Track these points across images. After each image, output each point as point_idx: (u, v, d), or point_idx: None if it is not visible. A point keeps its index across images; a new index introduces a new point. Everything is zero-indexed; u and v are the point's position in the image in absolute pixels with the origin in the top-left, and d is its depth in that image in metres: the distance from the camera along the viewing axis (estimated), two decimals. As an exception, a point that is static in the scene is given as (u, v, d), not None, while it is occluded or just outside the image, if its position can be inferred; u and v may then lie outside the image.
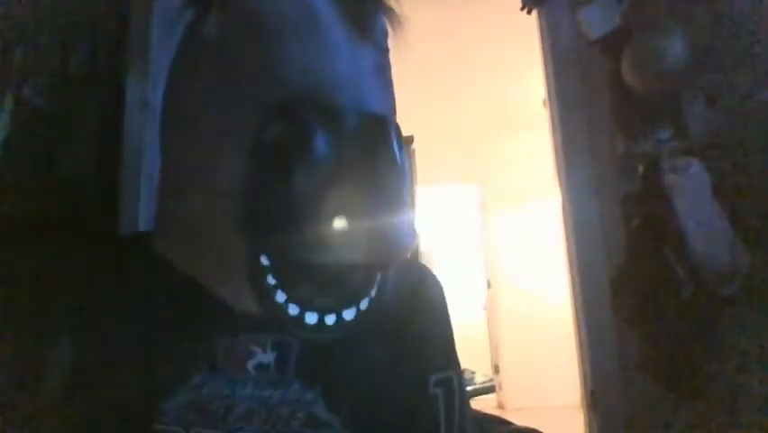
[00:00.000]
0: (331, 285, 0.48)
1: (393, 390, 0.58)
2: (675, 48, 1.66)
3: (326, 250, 0.45)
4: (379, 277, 0.51)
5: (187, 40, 0.57)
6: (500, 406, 5.51)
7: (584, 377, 1.76)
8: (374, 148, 0.47)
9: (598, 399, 1.69)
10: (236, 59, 0.51)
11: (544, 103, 2.10)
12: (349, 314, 0.48)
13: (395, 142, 0.48)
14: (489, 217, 5.93)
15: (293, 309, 0.47)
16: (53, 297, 0.52)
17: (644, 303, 1.63)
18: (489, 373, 5.90)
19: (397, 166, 0.48)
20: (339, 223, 0.44)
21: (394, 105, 0.60)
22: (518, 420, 0.76)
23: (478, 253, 6.17)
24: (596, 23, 1.81)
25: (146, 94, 1.44)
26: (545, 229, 4.95)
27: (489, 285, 5.89)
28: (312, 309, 0.47)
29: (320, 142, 0.44)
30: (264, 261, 0.47)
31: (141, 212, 1.42)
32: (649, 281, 1.63)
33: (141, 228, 1.33)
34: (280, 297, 0.47)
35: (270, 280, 0.47)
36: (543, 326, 5.19)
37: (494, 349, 5.81)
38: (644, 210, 1.68)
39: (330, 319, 0.48)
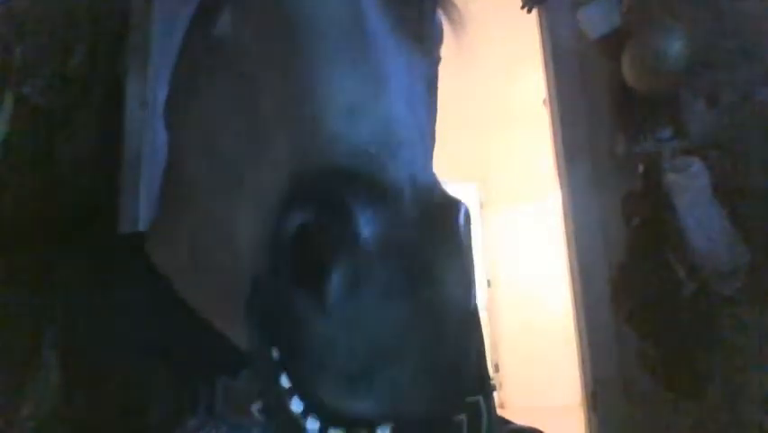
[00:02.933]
0: (366, 402, 0.33)
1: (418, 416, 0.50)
2: (675, 48, 1.66)
3: (364, 393, 0.32)
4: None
5: (194, 37, 0.47)
6: (500, 405, 5.49)
7: (584, 377, 1.76)
8: (438, 248, 0.33)
9: (598, 399, 1.69)
10: (256, 72, 0.40)
11: (544, 102, 2.10)
12: (384, 431, 0.35)
13: (464, 239, 0.34)
14: (488, 217, 5.92)
15: (312, 424, 0.34)
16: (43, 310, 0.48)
17: (644, 303, 1.63)
18: (489, 372, 5.90)
19: (467, 273, 0.34)
20: (385, 354, 0.32)
21: (435, 125, 0.50)
22: (518, 420, 0.76)
23: (477, 252, 6.15)
24: (596, 22, 1.81)
25: (146, 94, 1.44)
26: (545, 229, 4.94)
27: (488, 284, 5.89)
28: (336, 426, 0.34)
29: (367, 238, 0.31)
30: (275, 354, 0.34)
31: (141, 212, 1.41)
32: (649, 281, 1.63)
33: (141, 228, 1.32)
34: (296, 405, 0.34)
35: (284, 382, 0.34)
36: (543, 325, 5.19)
37: (494, 348, 5.80)
38: (645, 210, 1.68)
39: None
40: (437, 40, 0.50)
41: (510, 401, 5.44)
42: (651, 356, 1.62)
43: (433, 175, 0.40)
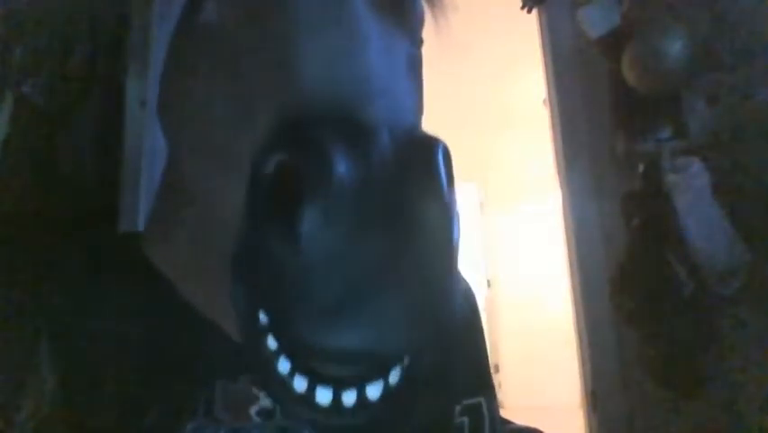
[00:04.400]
0: (351, 353, 0.35)
1: (416, 424, 0.48)
2: (675, 48, 1.66)
3: (343, 326, 0.33)
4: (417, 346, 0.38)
5: (183, 26, 0.48)
6: (500, 405, 5.50)
7: (584, 377, 1.76)
8: (415, 183, 0.34)
9: (599, 399, 1.69)
10: (241, 49, 0.42)
11: (544, 102, 2.10)
12: (374, 390, 0.35)
13: (443, 174, 0.35)
14: (488, 217, 5.92)
15: (299, 384, 0.34)
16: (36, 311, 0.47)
17: (644, 303, 1.63)
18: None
19: (447, 209, 0.35)
20: (364, 290, 0.33)
21: (422, 106, 0.50)
22: (518, 420, 0.76)
23: (477, 252, 6.16)
24: (596, 22, 1.81)
25: (146, 94, 1.44)
26: (545, 229, 4.94)
27: (488, 284, 5.89)
28: (324, 383, 0.35)
29: (338, 175, 0.31)
30: (263, 318, 0.35)
31: (141, 212, 1.42)
32: (649, 281, 1.63)
33: (141, 228, 1.32)
34: (283, 365, 0.35)
35: (271, 342, 0.35)
36: (543, 325, 5.19)
37: (494, 348, 5.80)
38: (645, 210, 1.68)
39: (349, 398, 0.35)
40: (418, 22, 0.50)
41: (510, 401, 5.43)
42: (651, 356, 1.62)
43: (412, 123, 0.41)
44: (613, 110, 1.79)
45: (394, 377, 0.37)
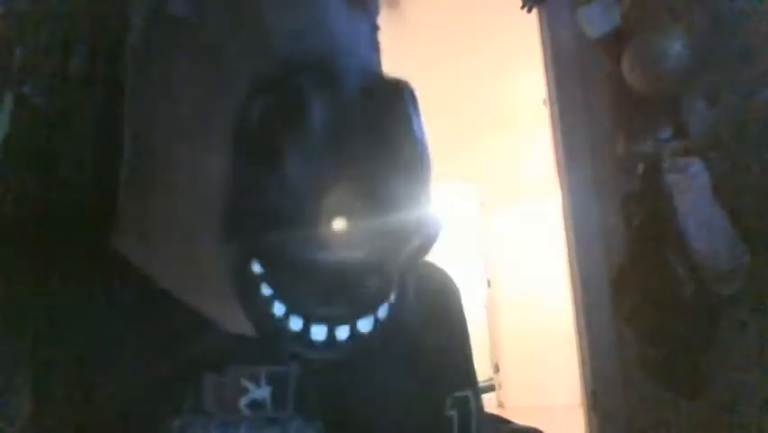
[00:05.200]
0: (341, 289, 0.38)
1: (404, 417, 0.51)
2: (675, 48, 1.66)
3: (330, 247, 0.36)
4: (398, 277, 0.41)
5: (154, 21, 0.48)
6: (500, 405, 5.51)
7: (584, 377, 1.76)
8: (386, 116, 0.37)
9: (599, 399, 1.69)
10: (213, 30, 0.43)
11: (544, 102, 2.10)
12: (365, 325, 0.38)
13: (411, 108, 0.38)
14: (489, 216, 5.93)
15: (295, 323, 0.37)
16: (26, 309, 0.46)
17: (644, 303, 1.63)
18: (489, 371, 5.91)
19: (416, 137, 0.38)
20: (345, 211, 0.36)
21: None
22: (518, 420, 0.76)
23: (478, 251, 6.17)
24: (596, 22, 1.81)
25: (146, 93, 1.44)
26: (545, 228, 4.95)
27: (489, 284, 5.89)
28: (319, 321, 0.37)
29: (316, 113, 0.35)
30: (256, 268, 0.37)
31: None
32: (649, 281, 1.63)
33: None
34: (278, 309, 0.37)
35: (265, 290, 0.37)
36: (543, 325, 5.19)
37: (494, 348, 5.81)
38: (645, 210, 1.68)
39: (342, 333, 0.37)
40: (375, 8, 0.52)
41: (510, 401, 5.44)
42: (651, 356, 1.62)
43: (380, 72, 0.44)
44: (613, 110, 1.79)
45: (382, 312, 0.39)
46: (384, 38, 0.55)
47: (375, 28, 0.52)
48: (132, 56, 0.52)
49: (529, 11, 1.99)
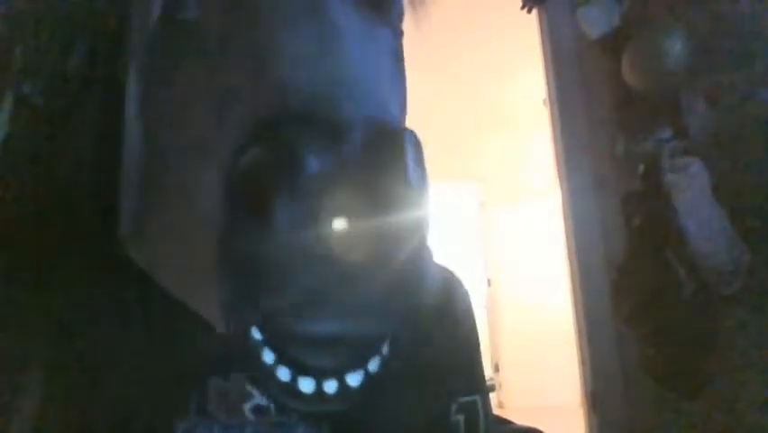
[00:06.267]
0: (330, 341, 0.38)
1: (410, 421, 0.51)
2: (675, 48, 1.66)
3: (319, 312, 0.37)
4: (392, 332, 0.41)
5: (164, 23, 0.48)
6: (500, 405, 5.51)
7: (584, 377, 1.76)
8: (383, 171, 0.36)
9: (599, 399, 1.69)
10: (220, 44, 0.42)
11: (544, 102, 2.10)
12: (354, 379, 0.38)
13: (410, 162, 0.37)
14: (489, 216, 5.93)
15: (283, 374, 0.37)
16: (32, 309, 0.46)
17: (644, 303, 1.63)
18: (489, 371, 5.91)
19: (413, 192, 0.37)
20: (334, 275, 0.36)
21: (406, 100, 0.51)
22: (518, 420, 0.76)
23: (478, 251, 6.17)
24: (596, 23, 1.81)
25: (146, 93, 1.44)
26: (546, 228, 4.95)
27: (489, 283, 5.89)
28: (306, 374, 0.37)
29: (310, 168, 0.34)
30: (248, 313, 0.38)
31: (141, 212, 1.41)
32: (649, 281, 1.63)
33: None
34: (268, 357, 0.37)
35: (256, 335, 0.37)
36: (543, 325, 5.19)
37: (494, 348, 5.81)
38: (644, 210, 1.68)
39: (330, 387, 0.38)
40: (398, 14, 0.50)
41: (510, 401, 5.44)
42: (651, 356, 1.62)
43: (392, 113, 0.43)
44: (613, 110, 1.79)
45: (373, 366, 0.39)
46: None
47: (398, 35, 0.50)
48: (143, 57, 0.52)
49: (529, 11, 1.99)
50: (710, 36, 1.72)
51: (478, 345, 0.62)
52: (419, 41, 0.59)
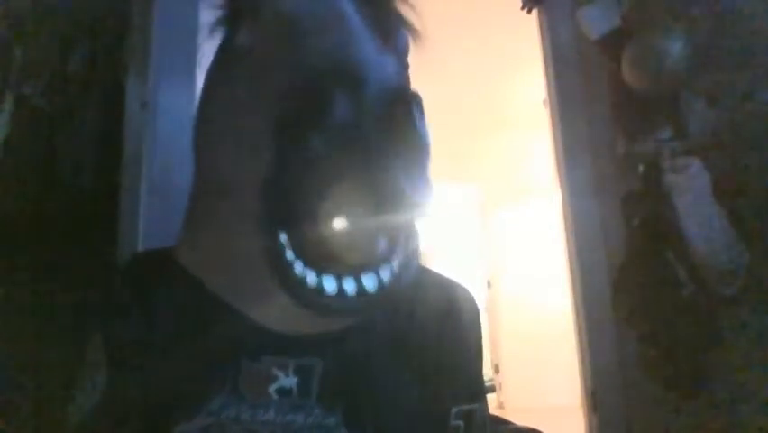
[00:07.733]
0: (348, 249, 0.47)
1: (415, 418, 0.56)
2: (675, 48, 1.66)
3: (342, 214, 0.45)
4: (400, 250, 0.50)
5: (221, 54, 0.58)
6: (500, 406, 5.50)
7: (584, 377, 1.76)
8: (395, 117, 0.46)
9: (599, 399, 1.69)
10: (267, 64, 0.51)
11: (544, 102, 2.10)
12: (369, 282, 0.47)
13: (416, 113, 0.47)
14: (489, 217, 5.93)
15: (311, 279, 0.46)
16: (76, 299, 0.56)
17: (644, 303, 1.63)
18: (489, 372, 5.91)
19: (418, 134, 0.47)
20: (356, 185, 0.44)
21: None
22: (518, 420, 0.76)
23: (478, 252, 6.17)
24: (596, 23, 1.81)
25: (146, 94, 1.44)
26: (545, 229, 4.95)
27: (489, 285, 5.89)
28: (329, 272, 0.46)
29: (338, 110, 0.44)
30: (283, 238, 0.47)
31: (141, 213, 1.41)
32: (649, 281, 1.63)
33: (140, 228, 1.32)
34: (299, 267, 0.46)
35: (289, 255, 0.47)
36: (543, 326, 5.19)
37: (494, 349, 5.80)
38: (645, 210, 1.68)
39: (350, 286, 0.47)
40: (404, 46, 0.61)
41: (510, 402, 5.44)
42: (651, 356, 1.62)
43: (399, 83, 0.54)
44: (613, 110, 1.79)
45: (385, 274, 0.48)
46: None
47: (405, 67, 0.60)
48: (204, 88, 0.61)
49: (529, 11, 1.99)
50: (710, 36, 1.72)
51: (481, 355, 0.66)
52: (419, 41, 0.63)
